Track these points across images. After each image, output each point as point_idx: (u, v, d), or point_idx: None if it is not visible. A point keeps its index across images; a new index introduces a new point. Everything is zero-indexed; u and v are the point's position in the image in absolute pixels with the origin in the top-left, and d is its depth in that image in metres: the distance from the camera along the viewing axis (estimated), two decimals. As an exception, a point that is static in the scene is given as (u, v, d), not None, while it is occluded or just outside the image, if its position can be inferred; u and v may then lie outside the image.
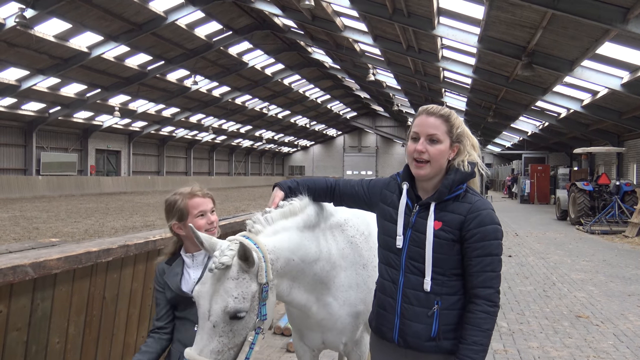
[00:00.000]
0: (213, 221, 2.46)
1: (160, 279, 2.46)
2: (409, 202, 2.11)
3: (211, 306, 1.92)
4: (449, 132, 2.05)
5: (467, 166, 2.08)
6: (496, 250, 1.99)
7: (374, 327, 2.24)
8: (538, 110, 25.65)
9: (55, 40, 23.40)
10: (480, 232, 1.98)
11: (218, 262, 1.92)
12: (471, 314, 1.98)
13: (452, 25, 16.87)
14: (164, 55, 28.82)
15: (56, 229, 14.33)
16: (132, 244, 3.40)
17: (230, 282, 1.93)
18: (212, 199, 2.52)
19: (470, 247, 1.99)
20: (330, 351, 4.50)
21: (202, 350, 1.91)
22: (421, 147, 2.02)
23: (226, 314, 1.91)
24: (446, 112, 2.08)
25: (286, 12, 23.57)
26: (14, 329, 2.64)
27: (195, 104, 39.65)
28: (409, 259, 2.06)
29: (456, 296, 2.04)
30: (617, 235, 15.29)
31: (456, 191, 2.05)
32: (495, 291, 1.99)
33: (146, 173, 45.01)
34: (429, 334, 2.02)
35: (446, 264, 2.01)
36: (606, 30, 12.36)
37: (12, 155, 32.70)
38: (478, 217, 1.99)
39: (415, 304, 2.04)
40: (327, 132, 69.39)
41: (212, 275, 1.95)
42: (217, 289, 1.93)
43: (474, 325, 1.96)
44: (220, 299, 1.92)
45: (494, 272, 1.99)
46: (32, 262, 2.58)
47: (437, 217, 2.03)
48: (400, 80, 31.30)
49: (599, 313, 6.83)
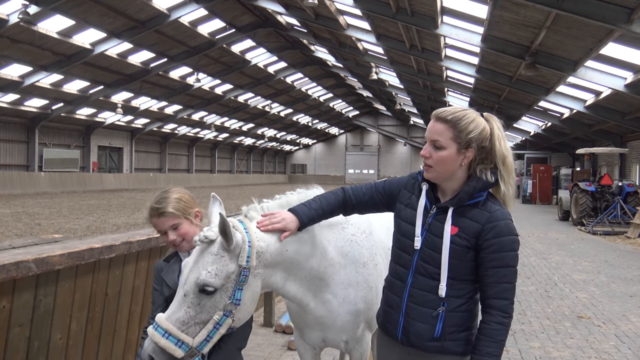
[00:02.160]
0: (172, 240, 2.32)
1: (158, 276, 2.46)
2: (427, 203, 2.09)
3: (188, 276, 1.99)
4: (455, 138, 1.97)
5: (490, 176, 2.02)
6: (512, 261, 1.98)
7: (379, 323, 2.25)
8: (541, 111, 25.61)
9: (58, 37, 23.40)
10: (497, 242, 1.96)
11: (202, 236, 1.99)
12: (486, 324, 1.98)
13: (456, 25, 16.84)
14: (167, 53, 28.82)
15: (58, 225, 14.35)
16: (135, 241, 3.40)
17: (209, 256, 1.99)
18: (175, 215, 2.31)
19: (486, 257, 1.97)
20: (332, 349, 4.50)
21: (169, 316, 1.97)
22: (424, 152, 2.02)
23: (196, 285, 1.95)
24: (455, 117, 1.98)
25: (289, 10, 23.55)
26: (17, 325, 2.65)
27: (198, 101, 39.65)
28: (421, 260, 2.05)
29: (462, 299, 2.04)
30: (619, 236, 15.27)
31: (476, 198, 2.02)
32: (510, 302, 1.99)
33: (148, 170, 45.03)
34: (432, 334, 2.02)
35: (459, 270, 2.00)
36: (610, 31, 12.32)
37: (14, 152, 32.73)
38: (496, 227, 1.96)
39: (421, 304, 2.04)
40: (329, 131, 69.31)
41: (197, 248, 2.03)
42: (197, 260, 2.00)
43: (488, 337, 1.96)
44: (195, 270, 1.97)
45: (509, 283, 1.98)
46: (35, 258, 2.58)
47: (454, 222, 2.00)
48: (403, 79, 31.26)
49: (601, 314, 6.82)
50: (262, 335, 5.63)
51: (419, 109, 43.51)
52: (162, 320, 1.95)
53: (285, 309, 6.17)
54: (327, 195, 2.33)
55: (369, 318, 2.61)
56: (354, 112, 63.55)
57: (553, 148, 35.63)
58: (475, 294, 2.07)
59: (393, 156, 69.89)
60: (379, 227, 2.87)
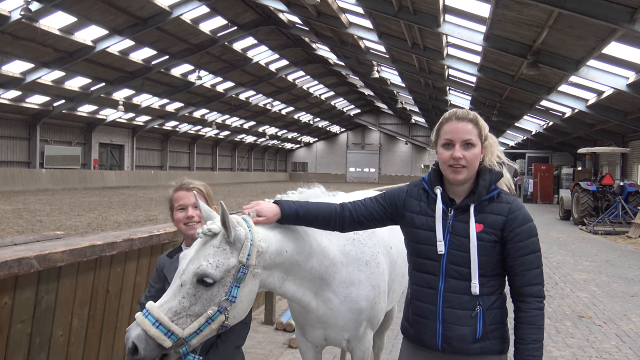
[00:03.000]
0: (192, 216, 2.43)
1: (159, 272, 2.45)
2: (444, 206, 2.10)
3: (187, 266, 1.99)
4: (479, 135, 2.08)
5: (498, 166, 2.12)
6: (537, 246, 2.05)
7: (412, 336, 2.19)
8: (543, 110, 25.57)
9: (60, 34, 23.41)
10: (522, 231, 2.03)
11: (206, 229, 2.01)
12: (524, 312, 2.02)
13: (458, 23, 16.81)
14: (169, 50, 28.82)
15: (59, 222, 14.37)
16: (137, 238, 3.40)
17: (211, 248, 2.00)
18: (200, 194, 2.44)
19: (513, 247, 2.03)
20: (333, 347, 4.50)
21: (162, 305, 1.95)
22: (459, 154, 2.03)
23: (195, 275, 1.95)
24: (474, 116, 2.11)
25: (291, 8, 23.53)
26: (19, 321, 2.65)
27: (199, 99, 39.66)
28: (450, 264, 2.05)
29: (495, 295, 2.07)
30: (620, 235, 15.26)
31: (492, 191, 2.08)
32: (542, 286, 2.05)
33: (149, 167, 45.06)
34: (475, 336, 2.03)
35: (488, 266, 2.04)
36: (613, 30, 12.29)
37: (16, 148, 32.78)
38: (518, 216, 2.04)
39: (457, 307, 2.04)
40: (331, 129, 69.30)
41: (199, 241, 2.04)
42: (199, 252, 2.00)
43: (530, 324, 2.00)
44: (196, 261, 1.98)
45: (538, 268, 2.04)
46: (37, 254, 2.59)
47: (477, 219, 2.04)
48: (404, 78, 31.23)
49: (602, 313, 6.81)
50: (263, 333, 5.64)
51: (421, 107, 43.48)
52: (153, 308, 1.92)
53: (286, 307, 6.18)
54: (322, 203, 2.29)
55: (371, 317, 2.61)
56: (355, 110, 63.54)
57: (554, 147, 35.60)
58: (503, 289, 2.12)
59: (394, 155, 69.87)
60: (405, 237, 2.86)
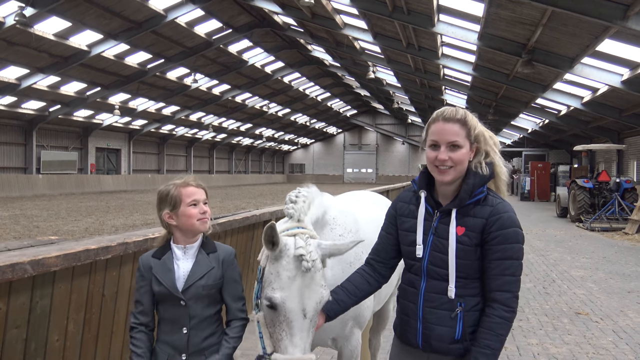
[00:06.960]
0: (205, 211, 2.41)
1: (146, 272, 2.34)
2: (429, 208, 2.10)
3: (305, 304, 1.96)
4: (467, 135, 2.02)
5: (485, 168, 2.06)
6: (517, 254, 1.98)
7: (399, 334, 2.22)
8: (538, 108, 25.64)
9: (55, 39, 23.37)
10: (501, 234, 1.96)
11: (312, 262, 1.97)
12: (487, 317, 1.97)
13: (452, 23, 16.85)
14: (164, 54, 28.80)
15: (56, 227, 14.34)
16: (131, 242, 3.40)
17: (318, 273, 2.00)
18: (205, 191, 2.47)
19: (490, 249, 1.97)
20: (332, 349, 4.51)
21: (304, 348, 1.96)
22: (444, 156, 1.99)
23: (319, 304, 2.00)
24: (462, 116, 2.04)
25: (286, 10, 23.55)
26: (14, 327, 2.65)
27: (195, 102, 39.62)
28: (431, 265, 2.05)
29: (478, 297, 2.04)
30: (617, 232, 15.30)
31: (477, 195, 2.02)
32: (513, 296, 1.97)
33: (146, 171, 44.99)
34: (453, 337, 2.01)
35: (470, 269, 2.01)
36: (606, 27, 12.34)
37: (12, 154, 32.69)
38: (499, 219, 1.97)
39: (438, 307, 2.03)
40: (327, 130, 69.30)
41: (288, 274, 1.98)
42: (308, 284, 1.97)
43: (488, 329, 1.95)
44: (313, 294, 1.97)
45: (513, 276, 1.98)
46: (30, 259, 2.58)
47: (460, 222, 2.01)
48: (400, 78, 31.28)
49: (599, 310, 6.83)
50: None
51: (417, 107, 43.52)
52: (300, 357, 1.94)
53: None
54: (354, 278, 2.29)
55: (357, 316, 2.62)
56: (351, 111, 63.57)
57: (551, 145, 35.69)
58: None
59: (391, 155, 69.92)
60: (365, 223, 2.87)
